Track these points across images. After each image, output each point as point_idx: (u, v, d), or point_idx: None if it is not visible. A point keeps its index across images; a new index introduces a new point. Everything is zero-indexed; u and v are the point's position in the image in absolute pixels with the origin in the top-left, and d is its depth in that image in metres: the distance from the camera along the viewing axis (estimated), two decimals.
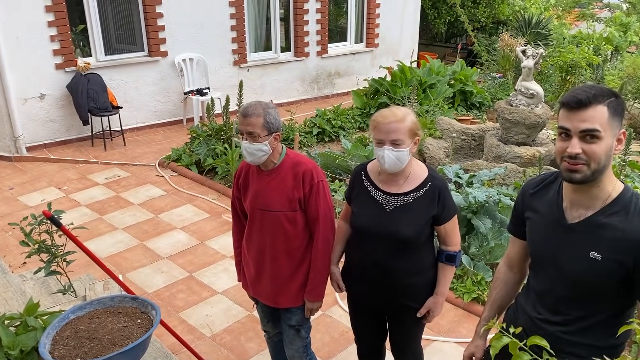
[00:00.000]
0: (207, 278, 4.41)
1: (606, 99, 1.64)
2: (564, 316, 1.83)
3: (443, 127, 6.89)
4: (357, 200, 2.52)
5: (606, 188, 1.72)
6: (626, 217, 1.68)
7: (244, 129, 2.45)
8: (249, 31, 8.89)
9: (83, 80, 6.99)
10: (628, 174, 5.43)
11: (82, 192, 6.01)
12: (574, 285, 1.79)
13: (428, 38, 13.89)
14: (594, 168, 1.65)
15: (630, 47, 11.83)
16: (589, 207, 1.75)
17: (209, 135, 6.70)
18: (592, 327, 1.79)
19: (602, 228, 1.71)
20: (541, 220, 1.89)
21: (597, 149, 1.64)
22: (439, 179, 2.43)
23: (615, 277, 1.70)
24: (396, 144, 2.28)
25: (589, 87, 1.69)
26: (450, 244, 2.47)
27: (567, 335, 1.82)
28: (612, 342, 1.81)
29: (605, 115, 1.63)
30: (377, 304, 2.59)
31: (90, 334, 2.22)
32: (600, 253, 1.70)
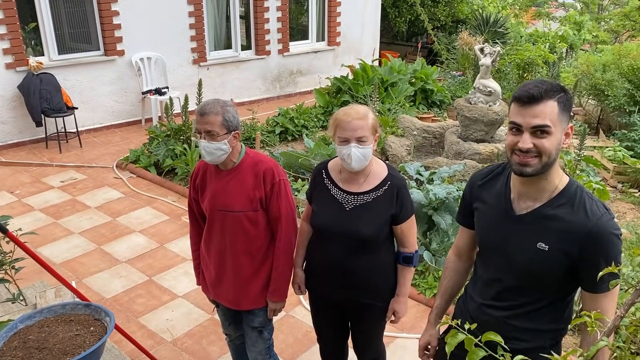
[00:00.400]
0: (167, 282, 4.31)
1: (556, 94, 1.67)
2: (510, 302, 1.88)
3: (405, 125, 6.94)
4: (317, 200, 2.50)
5: (553, 181, 1.76)
6: (572, 209, 1.73)
7: (202, 127, 2.39)
8: (208, 29, 8.77)
9: (35, 81, 6.75)
10: (583, 169, 5.58)
11: (35, 196, 5.81)
12: (521, 275, 1.83)
13: (389, 37, 13.99)
14: (544, 162, 1.69)
15: (584, 45, 12.19)
16: (536, 199, 1.79)
17: (167, 135, 6.57)
18: (536, 312, 1.85)
19: (549, 219, 1.75)
20: (489, 211, 1.93)
21: (547, 144, 1.67)
22: (398, 178, 2.43)
23: (561, 267, 1.75)
24: (362, 140, 2.28)
25: (541, 82, 1.71)
26: (407, 245, 2.47)
27: (512, 320, 1.87)
28: (554, 326, 1.88)
29: (555, 111, 1.67)
30: (338, 303, 2.58)
31: (40, 344, 2.12)
32: (547, 244, 1.75)
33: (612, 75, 7.96)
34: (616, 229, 1.70)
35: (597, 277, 1.63)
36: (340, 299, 2.55)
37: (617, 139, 7.49)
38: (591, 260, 1.69)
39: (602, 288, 1.71)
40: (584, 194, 1.75)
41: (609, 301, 1.73)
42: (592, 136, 7.96)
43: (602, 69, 8.21)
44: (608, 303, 1.73)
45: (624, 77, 7.95)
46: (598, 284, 1.69)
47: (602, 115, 8.59)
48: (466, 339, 1.24)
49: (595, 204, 1.73)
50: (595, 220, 1.69)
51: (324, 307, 2.67)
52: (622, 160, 6.58)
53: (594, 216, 1.70)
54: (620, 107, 7.79)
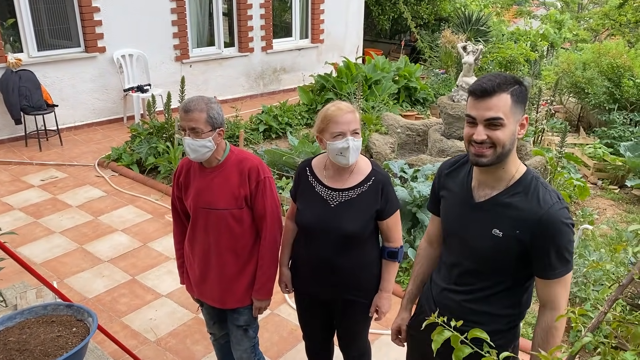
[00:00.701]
0: (151, 281, 4.27)
1: (510, 87, 1.73)
2: (469, 286, 1.95)
3: (388, 123, 6.95)
4: (302, 197, 2.50)
5: (510, 170, 1.83)
6: (526, 197, 1.79)
7: (187, 124, 2.37)
8: (190, 26, 8.70)
9: (14, 77, 6.63)
10: (564, 166, 5.65)
11: (15, 195, 5.71)
12: (478, 260, 1.91)
13: (373, 34, 14.02)
14: (498, 152, 1.75)
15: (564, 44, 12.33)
16: (494, 187, 1.86)
17: (150, 133, 6.51)
18: (493, 296, 1.91)
19: (505, 207, 1.82)
20: (453, 198, 2.01)
21: (501, 135, 1.73)
22: (382, 173, 2.44)
23: (514, 253, 1.81)
24: (356, 133, 2.31)
25: (494, 75, 1.77)
26: (392, 240, 2.48)
27: (470, 303, 1.94)
28: (511, 311, 1.94)
29: (508, 104, 1.73)
30: (324, 300, 2.58)
31: (21, 346, 2.09)
32: (501, 230, 1.81)
33: (592, 73, 8.06)
34: (566, 218, 1.76)
35: (546, 264, 1.75)
36: (326, 295, 2.55)
37: (597, 136, 7.60)
38: (541, 247, 1.76)
39: (553, 275, 1.78)
40: (539, 183, 1.82)
41: (560, 288, 1.80)
42: (573, 133, 8.06)
43: (583, 67, 8.31)
44: (559, 290, 1.80)
45: (604, 76, 8.06)
46: (548, 271, 1.78)
47: (583, 112, 8.70)
48: (452, 336, 1.25)
49: (549, 193, 1.79)
50: (546, 209, 1.74)
51: (310, 305, 2.66)
52: (602, 157, 6.68)
53: (546, 205, 1.75)
54: (600, 104, 7.90)
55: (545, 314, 1.83)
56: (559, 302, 1.80)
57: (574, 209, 5.69)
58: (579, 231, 3.87)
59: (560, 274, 1.77)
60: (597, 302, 3.25)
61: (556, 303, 1.80)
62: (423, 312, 2.16)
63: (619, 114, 7.67)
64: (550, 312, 1.81)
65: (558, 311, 1.79)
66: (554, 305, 1.81)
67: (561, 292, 1.80)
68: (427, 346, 2.10)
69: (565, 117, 8.80)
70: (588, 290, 3.36)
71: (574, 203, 5.81)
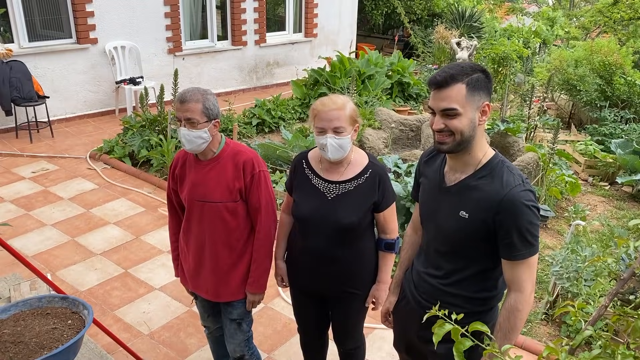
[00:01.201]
0: (144, 274, 4.26)
1: (465, 78, 1.78)
2: (443, 270, 2.02)
3: (382, 118, 6.96)
4: (298, 190, 2.50)
5: (476, 155, 1.89)
6: (492, 180, 1.85)
7: (182, 115, 2.36)
8: (183, 18, 8.64)
9: (5, 68, 6.56)
10: (556, 162, 5.69)
11: (6, 187, 5.66)
12: (447, 242, 1.98)
13: (366, 29, 14.00)
14: (458, 139, 1.82)
15: (556, 41, 12.39)
16: (463, 171, 1.93)
17: (143, 126, 6.46)
18: (465, 279, 1.97)
19: (471, 190, 1.88)
20: (428, 183, 2.08)
21: (457, 124, 1.80)
22: (379, 165, 2.44)
23: (479, 234, 1.87)
24: (338, 131, 2.28)
25: (450, 67, 1.84)
26: (389, 232, 2.49)
27: (445, 287, 2.01)
28: (485, 294, 1.99)
29: (462, 93, 1.78)
30: (320, 292, 2.58)
31: (16, 338, 2.07)
32: (467, 212, 1.88)
33: (584, 70, 8.11)
34: (528, 200, 1.80)
35: (508, 245, 1.81)
36: (322, 288, 2.55)
37: (588, 133, 7.65)
38: (504, 228, 1.81)
39: (516, 256, 1.83)
40: (504, 166, 1.88)
41: (524, 270, 1.84)
42: (564, 130, 8.11)
43: (574, 64, 8.36)
44: (523, 271, 1.84)
45: (595, 73, 8.11)
46: (511, 252, 1.83)
47: (574, 109, 8.76)
48: (453, 329, 1.26)
49: (513, 176, 1.84)
50: (508, 190, 1.80)
51: (306, 298, 2.67)
52: (593, 154, 6.73)
53: (508, 186, 1.81)
54: (592, 102, 7.96)
55: (510, 296, 1.87)
56: (523, 283, 1.84)
57: (565, 205, 5.73)
58: (571, 227, 3.90)
59: (523, 255, 1.81)
60: (589, 297, 3.29)
61: (520, 285, 1.84)
62: (405, 296, 2.24)
63: (610, 111, 7.73)
64: (514, 294, 1.85)
65: (523, 293, 1.84)
66: (518, 287, 1.85)
67: (525, 274, 1.84)
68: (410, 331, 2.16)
69: (556, 114, 8.85)
70: (580, 285, 3.40)
71: (565, 199, 5.86)
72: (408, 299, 2.20)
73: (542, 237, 5.00)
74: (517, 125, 6.39)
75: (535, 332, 3.71)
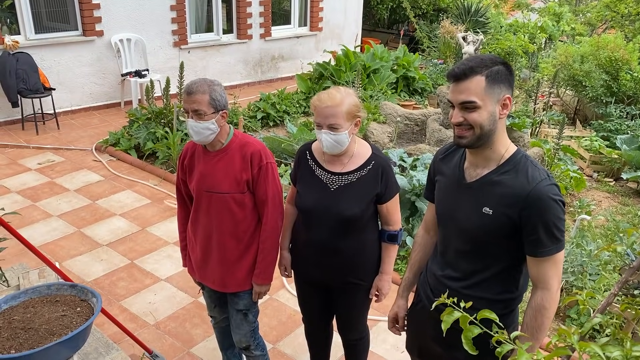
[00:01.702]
0: (150, 265, 4.28)
1: (484, 70, 1.75)
2: (463, 272, 1.96)
3: (387, 112, 6.96)
4: (302, 181, 2.51)
5: (498, 150, 1.85)
6: (515, 175, 1.81)
7: (189, 107, 2.37)
8: (189, 11, 8.63)
9: (11, 60, 6.58)
10: (561, 158, 5.69)
11: (12, 178, 5.69)
12: (469, 240, 1.92)
13: (371, 24, 13.96)
14: (477, 133, 1.79)
15: (562, 36, 12.33)
16: (485, 167, 1.88)
17: (148, 118, 6.48)
18: (488, 281, 1.91)
19: (494, 185, 1.84)
20: (446, 181, 2.03)
21: (477, 117, 1.76)
22: (382, 157, 2.44)
23: (504, 231, 1.82)
24: (333, 127, 2.28)
25: (470, 59, 1.80)
26: (392, 223, 2.50)
27: (466, 289, 1.93)
28: (507, 295, 1.93)
29: (481, 86, 1.75)
30: (323, 283, 2.60)
31: (26, 324, 2.10)
32: (491, 208, 1.83)
33: (590, 66, 8.08)
34: (555, 194, 1.76)
35: (535, 241, 1.76)
36: (326, 279, 2.56)
37: (594, 129, 7.63)
38: (530, 224, 1.77)
39: (543, 252, 1.78)
40: (528, 161, 1.84)
41: (550, 266, 1.80)
42: (569, 126, 8.09)
43: (580, 60, 8.32)
44: (550, 268, 1.80)
45: (602, 69, 8.08)
46: (537, 248, 1.78)
47: (579, 105, 8.73)
48: (461, 317, 1.27)
49: (538, 170, 1.81)
50: (534, 185, 1.76)
51: (310, 288, 2.69)
52: (598, 150, 6.71)
53: (534, 181, 1.77)
54: (597, 97, 7.93)
55: (536, 294, 1.83)
56: (549, 281, 1.80)
57: (570, 200, 5.73)
58: (576, 221, 3.91)
59: (550, 252, 1.77)
60: (593, 291, 3.29)
61: (547, 282, 1.80)
62: (420, 300, 2.17)
63: (615, 107, 7.70)
64: (540, 292, 1.81)
65: (549, 291, 1.80)
66: (545, 285, 1.80)
67: (551, 271, 1.79)
68: (425, 336, 2.14)
69: (562, 110, 8.82)
70: (585, 279, 3.40)
71: (569, 195, 5.85)
72: (424, 303, 2.14)
73: None
74: (523, 121, 6.38)
75: None
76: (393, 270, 4.22)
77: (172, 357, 3.34)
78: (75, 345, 2.12)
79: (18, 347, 1.99)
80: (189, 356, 3.37)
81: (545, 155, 5.48)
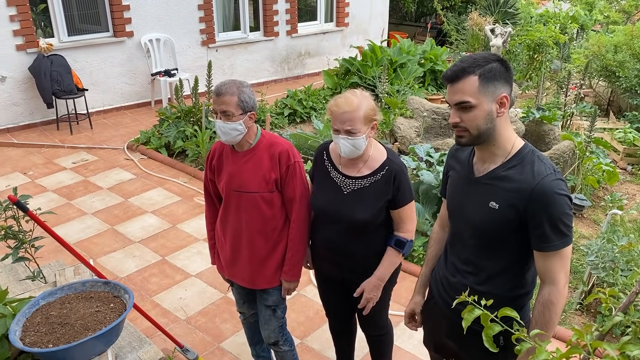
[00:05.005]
0: (180, 261, 4.38)
1: (477, 69, 1.76)
2: (472, 267, 1.98)
3: (414, 107, 6.92)
4: (317, 180, 2.54)
5: (503, 146, 1.86)
6: (522, 169, 1.82)
7: (218, 108, 2.42)
8: (217, 10, 8.73)
9: (46, 62, 6.78)
10: (593, 150, 5.57)
11: (48, 177, 5.87)
12: (477, 235, 1.94)
13: (398, 17, 13.87)
14: (474, 133, 1.81)
15: (595, 26, 12.03)
16: (492, 162, 1.90)
17: (178, 117, 6.60)
18: (497, 276, 1.93)
19: (501, 180, 1.85)
20: (456, 176, 2.05)
21: (472, 117, 1.79)
22: (396, 163, 2.41)
23: (510, 225, 1.83)
24: (351, 132, 2.27)
25: (463, 60, 1.81)
26: (404, 231, 2.45)
27: (477, 285, 1.95)
28: (518, 292, 1.95)
29: (475, 85, 1.76)
30: (340, 279, 2.63)
31: (62, 320, 2.19)
32: (497, 202, 1.85)
33: (624, 56, 7.87)
34: (560, 189, 1.76)
35: (541, 235, 1.77)
36: (341, 276, 2.59)
37: (628, 120, 7.45)
38: (535, 218, 1.77)
39: (549, 247, 1.78)
40: (534, 156, 1.84)
41: (557, 261, 1.79)
42: (602, 118, 7.91)
43: (614, 49, 8.11)
44: (556, 263, 1.80)
45: (636, 58, 7.86)
46: (543, 243, 1.79)
47: (613, 96, 8.52)
48: (482, 314, 1.28)
49: (544, 165, 1.81)
50: (539, 180, 1.77)
51: (328, 284, 2.73)
52: (632, 142, 6.55)
53: (539, 176, 1.77)
54: (632, 88, 7.72)
55: (544, 289, 1.83)
56: (556, 275, 1.80)
57: (602, 194, 5.62)
58: (607, 216, 3.84)
59: (556, 246, 1.77)
60: (625, 287, 3.24)
61: (554, 277, 1.80)
62: (433, 297, 2.19)
63: None
64: (548, 287, 1.81)
65: (556, 286, 1.80)
66: (552, 280, 1.80)
67: (558, 266, 1.79)
68: (440, 332, 2.15)
69: (594, 101, 8.63)
70: (616, 275, 3.35)
71: (602, 188, 5.74)
72: (436, 299, 2.16)
73: (578, 227, 4.92)
74: (553, 113, 6.27)
75: (570, 323, 3.68)
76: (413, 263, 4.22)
77: (203, 351, 3.42)
78: (110, 340, 2.20)
79: (55, 341, 2.07)
80: (219, 351, 3.45)
81: (576, 148, 5.38)
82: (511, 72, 1.82)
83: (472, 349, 1.86)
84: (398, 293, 3.95)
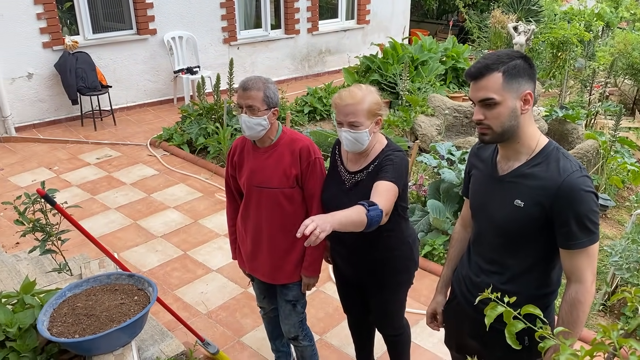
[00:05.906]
0: (202, 256, 4.43)
1: (501, 66, 1.75)
2: (496, 266, 1.96)
3: (435, 105, 6.88)
4: (328, 173, 2.57)
5: (527, 143, 1.85)
6: (547, 167, 1.80)
7: (244, 102, 2.45)
8: (238, 8, 8.78)
9: (71, 59, 6.89)
10: (618, 150, 5.49)
11: (73, 172, 5.98)
12: (502, 233, 1.92)
13: (419, 15, 13.79)
14: (498, 130, 1.80)
15: (621, 23, 11.81)
16: (516, 160, 1.89)
17: (200, 114, 6.66)
18: (522, 276, 1.91)
19: (526, 178, 1.84)
20: (479, 174, 2.04)
21: (496, 114, 1.78)
22: (391, 149, 2.36)
23: (536, 223, 1.82)
24: (354, 125, 2.26)
25: (486, 56, 1.80)
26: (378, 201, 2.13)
27: (502, 285, 1.92)
28: (543, 290, 1.93)
29: (499, 82, 1.75)
30: (352, 276, 2.64)
31: (88, 311, 2.24)
32: (522, 200, 1.83)
33: None
34: (587, 186, 1.74)
35: (567, 233, 1.75)
36: (354, 274, 2.61)
37: None
38: (562, 216, 1.75)
39: (575, 245, 1.76)
40: (559, 153, 1.83)
41: (584, 259, 1.77)
42: (628, 117, 7.77)
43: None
44: (583, 261, 1.78)
45: None
46: (570, 240, 1.77)
47: (639, 95, 8.37)
48: (505, 311, 1.28)
49: (569, 162, 1.79)
50: (565, 177, 1.75)
51: (344, 281, 2.76)
52: None
53: (565, 172, 1.76)
54: None
55: (570, 287, 1.81)
56: (583, 274, 1.78)
57: (627, 194, 5.53)
58: (632, 216, 3.78)
59: (583, 244, 1.75)
60: None
61: (581, 275, 1.78)
62: (455, 297, 2.18)
63: None
64: (574, 285, 1.79)
65: (583, 284, 1.77)
66: (579, 278, 1.78)
67: (585, 264, 1.77)
68: (462, 332, 2.15)
69: (619, 100, 8.47)
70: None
71: (627, 188, 5.65)
72: (459, 299, 2.15)
73: (602, 227, 4.85)
74: (577, 112, 6.18)
75: (593, 324, 3.63)
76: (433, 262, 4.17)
77: (223, 345, 3.46)
78: (133, 332, 2.24)
79: (81, 332, 2.12)
80: (239, 345, 3.49)
81: (600, 147, 5.30)
82: (535, 69, 1.81)
83: (496, 348, 1.85)
84: (418, 291, 3.96)
